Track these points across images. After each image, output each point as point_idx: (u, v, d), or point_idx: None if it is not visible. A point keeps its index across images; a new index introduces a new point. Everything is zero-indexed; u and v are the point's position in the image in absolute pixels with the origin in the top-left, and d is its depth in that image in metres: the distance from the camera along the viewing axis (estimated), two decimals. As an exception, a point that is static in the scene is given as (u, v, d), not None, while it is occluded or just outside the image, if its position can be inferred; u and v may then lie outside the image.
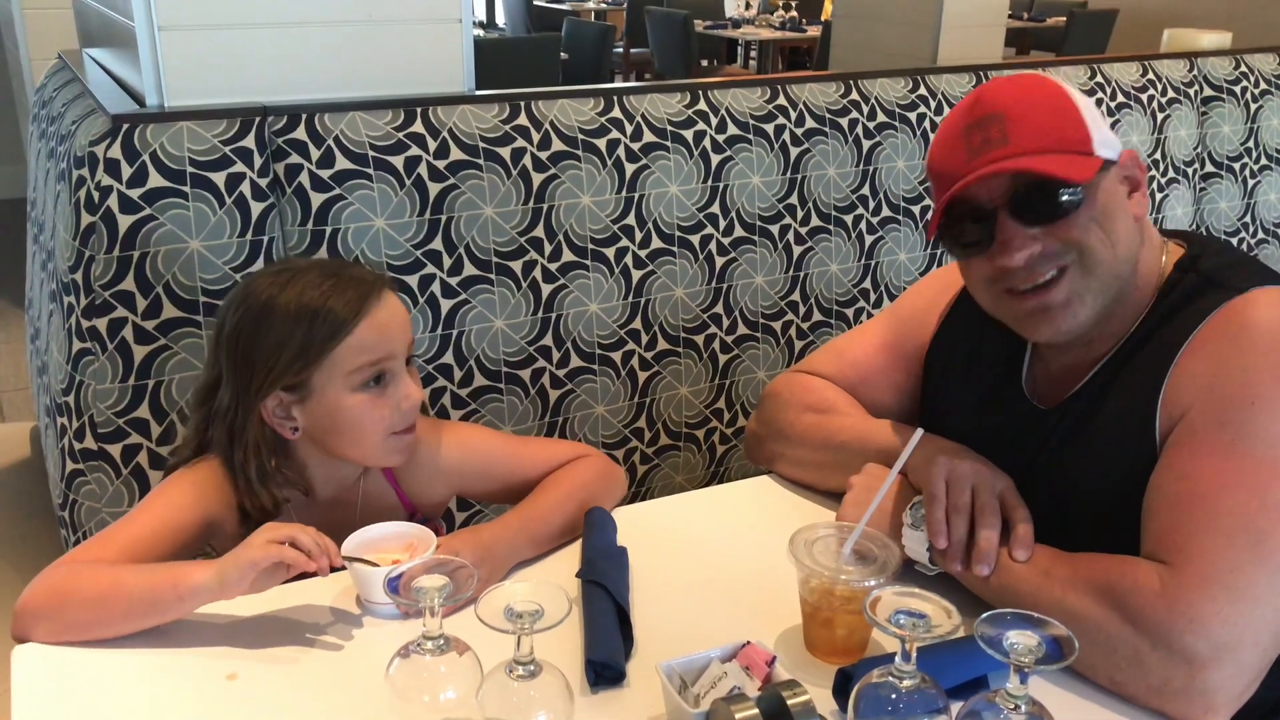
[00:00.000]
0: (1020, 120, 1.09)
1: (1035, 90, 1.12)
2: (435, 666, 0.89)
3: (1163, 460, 1.05)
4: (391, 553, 1.14)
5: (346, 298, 1.17)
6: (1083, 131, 1.09)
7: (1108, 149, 1.11)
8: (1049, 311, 1.11)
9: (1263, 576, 0.95)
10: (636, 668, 1.03)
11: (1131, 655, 0.97)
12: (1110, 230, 1.10)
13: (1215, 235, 2.52)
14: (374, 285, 1.20)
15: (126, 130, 1.47)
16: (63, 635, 1.07)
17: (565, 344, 1.77)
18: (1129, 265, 1.12)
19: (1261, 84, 2.57)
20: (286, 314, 1.16)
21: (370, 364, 1.18)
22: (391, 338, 1.19)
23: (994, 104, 1.10)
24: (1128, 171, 1.13)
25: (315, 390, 1.17)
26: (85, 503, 1.51)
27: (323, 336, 1.15)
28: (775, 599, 1.11)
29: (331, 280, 1.18)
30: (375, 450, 1.22)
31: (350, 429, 1.19)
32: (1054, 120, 1.10)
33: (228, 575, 1.04)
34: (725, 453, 1.97)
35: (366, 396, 1.18)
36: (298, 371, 1.16)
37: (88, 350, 1.47)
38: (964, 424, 1.24)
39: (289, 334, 1.15)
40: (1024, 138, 1.08)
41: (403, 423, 1.21)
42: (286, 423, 1.20)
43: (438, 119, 1.65)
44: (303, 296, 1.16)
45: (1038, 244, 1.09)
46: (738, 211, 1.89)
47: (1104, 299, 1.11)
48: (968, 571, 1.09)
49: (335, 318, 1.16)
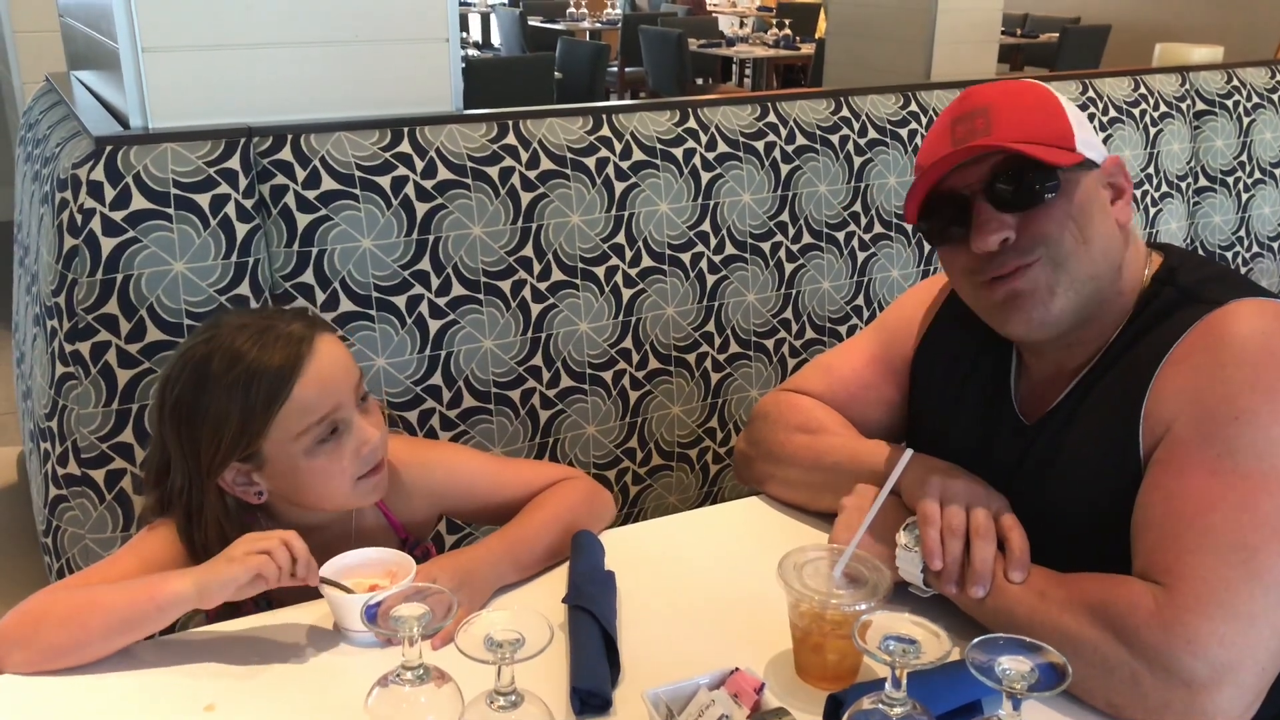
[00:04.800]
0: (1005, 111, 1.11)
1: (1023, 89, 1.15)
2: (415, 697, 0.88)
3: (1149, 478, 1.04)
4: (370, 578, 1.12)
5: (278, 358, 1.11)
6: (1066, 128, 1.11)
7: (1091, 150, 1.12)
8: (1019, 299, 1.11)
9: (1258, 593, 0.94)
10: (623, 696, 1.01)
11: (1129, 678, 0.96)
12: (1085, 228, 1.10)
13: (1209, 250, 2.51)
14: (304, 339, 1.14)
15: (110, 152, 1.46)
16: (40, 663, 1.04)
17: (555, 364, 1.75)
18: (1107, 268, 1.12)
19: (1254, 98, 2.56)
20: (221, 384, 1.11)
21: (317, 422, 1.13)
22: (333, 389, 1.14)
23: (981, 99, 1.13)
24: (1112, 178, 1.14)
25: (270, 458, 1.14)
26: (69, 529, 1.49)
27: (262, 404, 1.10)
28: (765, 623, 1.09)
29: (260, 339, 1.12)
30: (345, 498, 1.18)
31: (313, 486, 1.16)
32: (1038, 115, 1.11)
33: (207, 587, 1.03)
34: (718, 472, 1.95)
35: (323, 453, 1.14)
36: (246, 444, 1.12)
37: (70, 374, 1.46)
38: (952, 436, 1.23)
39: (228, 406, 1.10)
40: (1007, 127, 1.09)
41: (366, 466, 1.17)
42: (250, 489, 1.16)
43: (425, 139, 1.64)
44: (235, 364, 1.11)
45: (1011, 231, 1.09)
46: (728, 229, 1.88)
47: (1077, 297, 1.11)
48: (963, 593, 1.07)
49: (272, 385, 1.10)
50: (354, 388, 1.17)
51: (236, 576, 1.03)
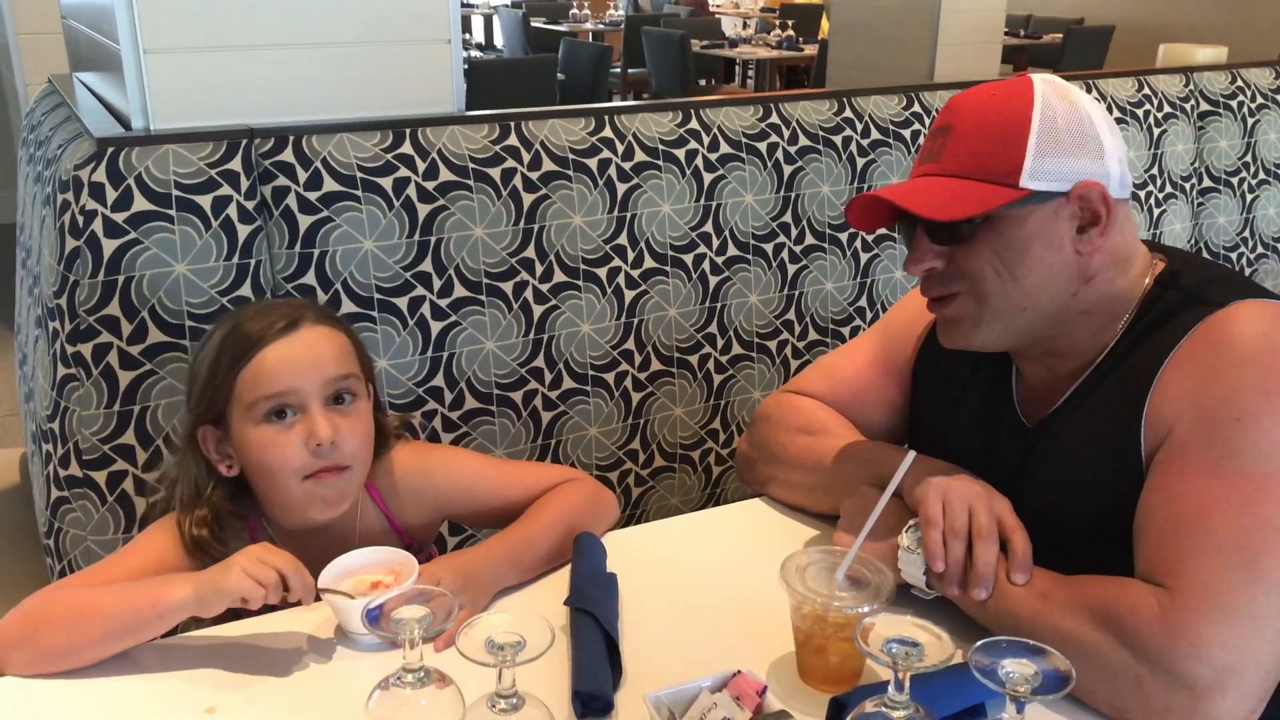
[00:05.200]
0: (961, 139, 1.11)
1: (996, 106, 1.11)
2: (416, 700, 0.87)
3: (1151, 480, 1.04)
4: (374, 577, 1.12)
5: (257, 327, 1.15)
6: (1014, 161, 1.07)
7: (1047, 181, 1.07)
8: (945, 323, 1.16)
9: (1260, 595, 0.94)
10: (625, 699, 1.01)
11: (1132, 681, 0.95)
12: (1014, 265, 1.09)
13: (1213, 251, 2.50)
14: (291, 320, 1.16)
15: (111, 154, 1.46)
16: (40, 664, 1.04)
17: (557, 365, 1.75)
18: (1048, 299, 1.11)
19: (1258, 98, 2.56)
20: (211, 341, 1.17)
21: (266, 398, 1.13)
22: (295, 372, 1.14)
23: (954, 114, 1.14)
24: (1086, 205, 1.09)
25: (231, 424, 1.16)
26: (70, 530, 1.49)
27: (226, 366, 1.14)
28: (767, 626, 1.09)
29: (259, 311, 1.17)
30: (292, 496, 1.16)
31: (259, 467, 1.16)
32: (990, 145, 1.09)
33: (205, 598, 1.03)
34: (721, 474, 1.95)
35: (269, 430, 1.14)
36: (210, 399, 1.16)
37: (72, 376, 1.45)
38: (953, 438, 1.23)
39: (207, 360, 1.17)
40: (955, 156, 1.11)
41: (314, 464, 1.15)
42: (224, 460, 1.18)
43: (427, 140, 1.64)
44: (226, 324, 1.17)
45: (940, 261, 1.12)
46: (731, 230, 1.88)
47: (1005, 328, 1.12)
48: (965, 595, 1.07)
49: (239, 346, 1.14)
50: (324, 380, 1.16)
51: (232, 591, 1.03)
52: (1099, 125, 1.11)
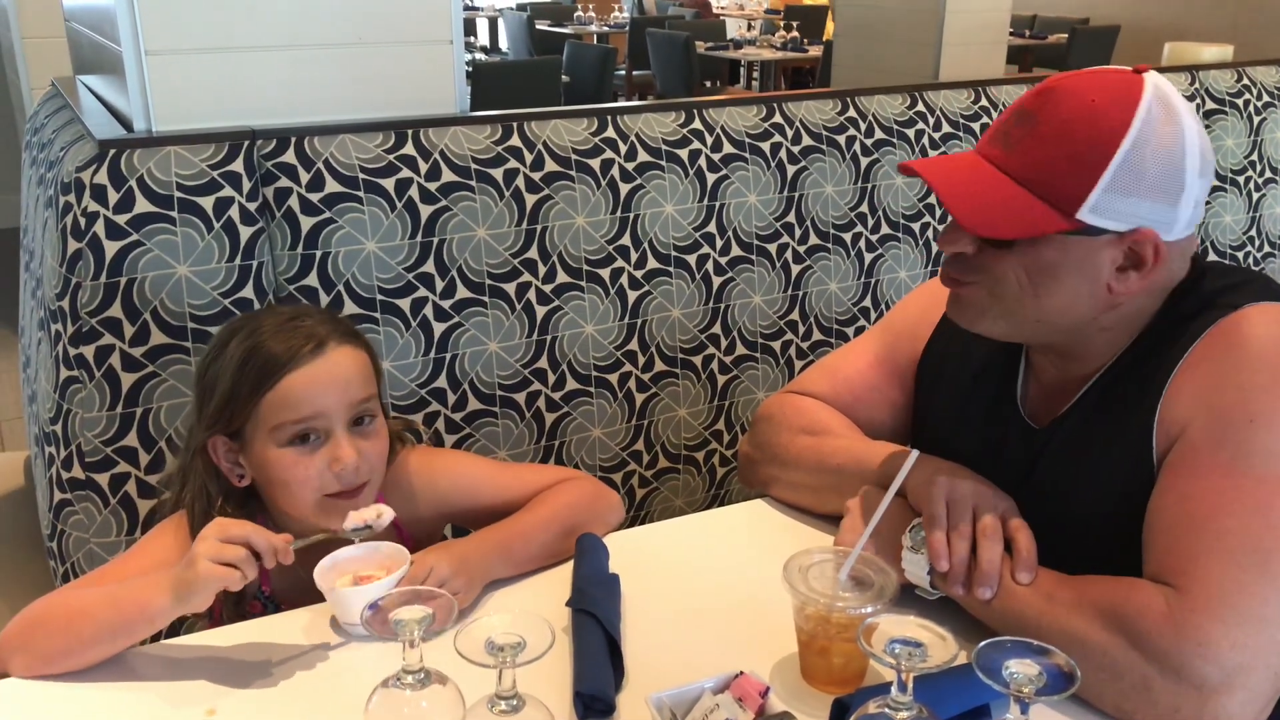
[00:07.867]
0: (1039, 142, 1.03)
1: (1090, 118, 1.02)
2: (416, 701, 0.87)
3: (1162, 481, 1.03)
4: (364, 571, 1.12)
5: (282, 348, 1.13)
6: (1082, 190, 1.00)
7: (1107, 219, 1.01)
8: (954, 303, 1.15)
9: (1271, 597, 0.93)
10: (627, 700, 1.00)
11: (1139, 682, 0.94)
12: (1040, 283, 1.06)
13: (1219, 250, 2.49)
14: (318, 340, 1.15)
15: (113, 156, 1.46)
16: (39, 667, 1.05)
17: (561, 366, 1.75)
18: (1065, 321, 1.09)
19: (1264, 96, 2.55)
20: (229, 354, 1.15)
21: (292, 422, 1.13)
22: (322, 397, 1.14)
23: (1045, 107, 1.04)
24: (1136, 250, 1.04)
25: (248, 440, 1.15)
26: (73, 533, 1.49)
27: (249, 387, 1.13)
28: (770, 626, 1.08)
29: (282, 326, 1.15)
30: (309, 510, 1.16)
31: (279, 485, 1.16)
32: (1065, 164, 1.02)
33: (184, 598, 1.03)
34: (725, 475, 1.94)
35: (292, 453, 1.14)
36: (229, 419, 1.14)
37: (75, 378, 1.45)
38: (958, 439, 1.22)
39: (225, 375, 1.14)
40: (1026, 157, 1.04)
41: (335, 486, 1.15)
42: (235, 470, 1.18)
43: (429, 140, 1.64)
44: (248, 339, 1.14)
45: (971, 248, 1.09)
46: (735, 230, 1.87)
47: (1011, 327, 1.12)
48: (970, 595, 1.06)
49: (264, 368, 1.13)
50: (349, 404, 1.16)
51: (207, 585, 1.01)
52: (1191, 163, 1.02)
